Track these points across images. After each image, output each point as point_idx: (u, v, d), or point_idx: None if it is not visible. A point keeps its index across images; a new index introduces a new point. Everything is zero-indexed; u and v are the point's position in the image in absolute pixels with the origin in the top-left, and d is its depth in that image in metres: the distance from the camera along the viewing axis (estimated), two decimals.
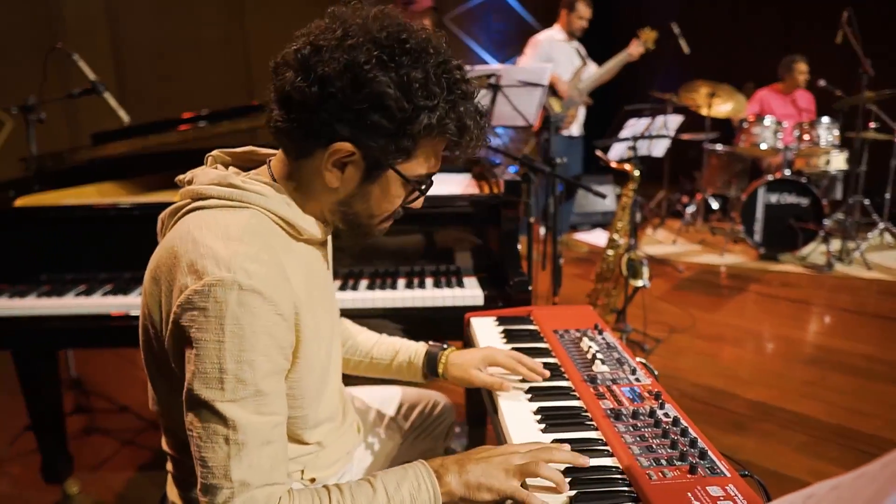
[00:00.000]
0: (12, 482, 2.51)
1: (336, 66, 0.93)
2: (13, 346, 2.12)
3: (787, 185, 5.06)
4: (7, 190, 2.31)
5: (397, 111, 0.95)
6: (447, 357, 1.41)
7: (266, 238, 1.00)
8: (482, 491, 1.00)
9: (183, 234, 0.97)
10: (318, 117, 0.96)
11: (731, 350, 3.60)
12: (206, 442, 0.91)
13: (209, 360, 0.90)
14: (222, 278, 0.90)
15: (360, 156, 1.00)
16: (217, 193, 1.01)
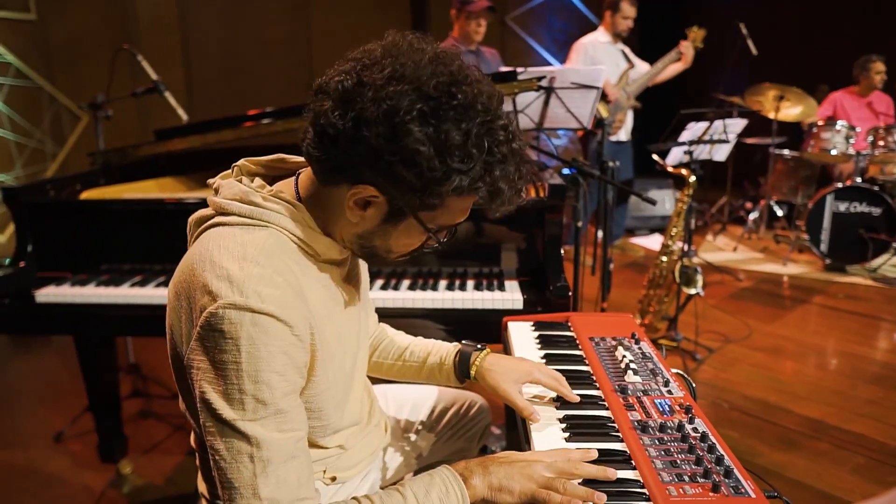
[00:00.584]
0: (72, 459, 2.64)
1: (375, 110, 0.90)
2: (73, 331, 2.24)
3: (857, 193, 4.83)
4: (74, 183, 2.44)
5: (427, 171, 0.91)
6: (482, 359, 1.34)
7: (283, 258, 1.00)
8: (504, 493, 1.02)
9: (202, 253, 0.98)
10: (347, 156, 0.94)
11: (788, 364, 3.46)
12: (231, 462, 0.92)
13: (229, 382, 0.92)
14: (235, 302, 0.91)
15: (384, 200, 0.98)
16: (237, 210, 1.02)
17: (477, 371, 1.34)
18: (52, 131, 5.01)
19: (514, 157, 0.98)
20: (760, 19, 7.51)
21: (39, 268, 2.15)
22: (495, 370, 1.31)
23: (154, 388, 3.13)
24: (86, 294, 2.02)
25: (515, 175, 0.98)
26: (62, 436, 2.78)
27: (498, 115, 0.95)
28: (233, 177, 1.12)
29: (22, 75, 4.76)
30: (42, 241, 2.15)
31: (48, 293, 2.03)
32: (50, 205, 2.20)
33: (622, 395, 1.29)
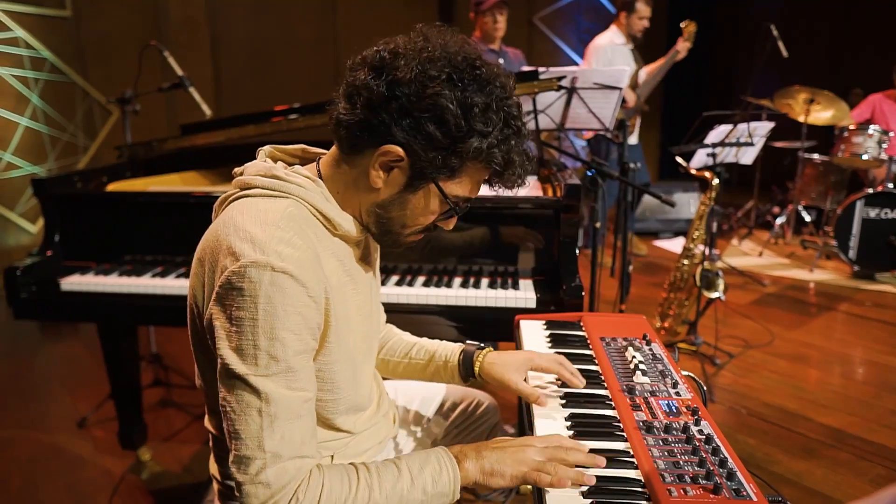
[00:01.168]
0: (94, 445, 2.71)
1: (408, 72, 0.99)
2: (95, 318, 2.30)
3: (889, 199, 4.72)
4: (101, 176, 2.50)
5: (454, 127, 0.99)
6: (484, 357, 1.39)
7: (302, 226, 1.05)
8: (496, 477, 1.06)
9: (226, 220, 1.03)
10: (379, 116, 1.01)
11: (810, 371, 3.41)
12: (240, 415, 0.97)
13: (244, 337, 0.96)
14: (256, 260, 0.96)
15: (407, 163, 1.04)
16: (261, 183, 1.08)
17: (480, 368, 1.39)
18: (85, 125, 5.13)
19: (525, 136, 1.07)
20: (794, 22, 7.40)
21: (66, 257, 2.21)
22: (497, 363, 1.36)
23: (175, 378, 3.19)
24: (108, 283, 2.07)
25: (525, 154, 1.07)
26: (86, 422, 2.85)
27: (513, 94, 1.05)
28: (258, 160, 1.18)
29: (56, 70, 4.88)
30: (69, 232, 2.20)
31: (73, 281, 2.08)
32: (77, 196, 2.26)
33: (629, 395, 1.29)
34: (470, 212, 1.20)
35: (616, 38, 4.80)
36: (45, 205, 2.19)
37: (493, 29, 4.02)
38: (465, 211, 1.15)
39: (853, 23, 7.39)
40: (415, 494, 1.03)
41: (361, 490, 1.01)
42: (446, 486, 1.05)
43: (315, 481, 0.99)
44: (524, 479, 1.05)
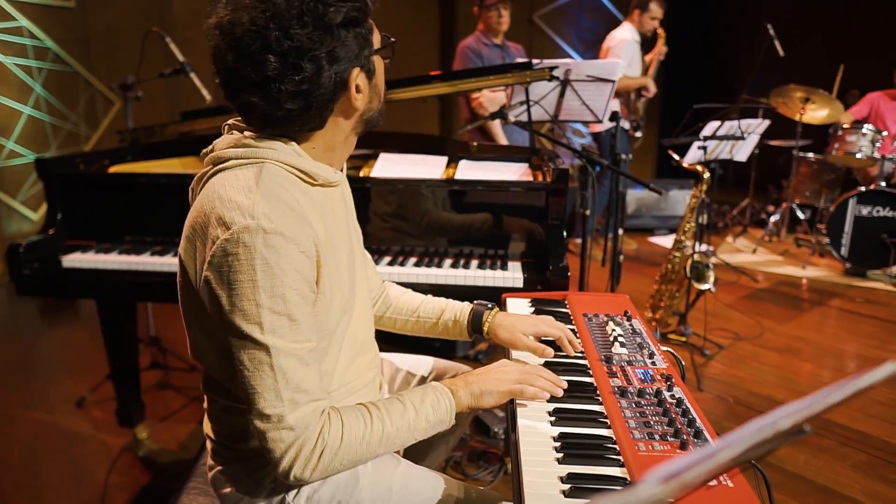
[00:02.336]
0: (92, 423, 2.77)
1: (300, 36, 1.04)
2: (96, 295, 2.35)
3: (881, 198, 4.77)
4: (103, 159, 2.55)
5: (322, 18, 1.04)
6: (493, 316, 1.47)
7: (282, 185, 1.09)
8: (485, 396, 1.21)
9: (209, 194, 1.08)
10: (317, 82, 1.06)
11: (799, 364, 3.46)
12: (253, 372, 1.03)
13: (246, 299, 1.02)
14: (248, 225, 1.01)
15: (355, 70, 1.11)
16: (234, 154, 1.12)
17: (489, 327, 1.47)
18: (87, 115, 5.18)
19: None
20: (796, 23, 7.46)
21: (68, 236, 2.26)
22: (505, 325, 1.45)
23: (172, 361, 3.24)
24: (108, 261, 2.12)
25: None
26: (84, 401, 2.91)
27: None
28: (224, 134, 1.21)
29: (60, 60, 4.94)
30: (71, 211, 2.26)
31: (74, 259, 2.14)
32: (79, 176, 2.32)
33: (607, 363, 1.34)
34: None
35: (634, 35, 4.95)
36: (47, 185, 2.24)
37: (496, 23, 4.07)
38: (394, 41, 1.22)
39: (853, 24, 7.43)
40: (420, 423, 1.16)
41: (376, 424, 1.12)
42: (444, 413, 1.18)
43: (335, 422, 1.08)
44: (510, 393, 1.21)
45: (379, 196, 2.14)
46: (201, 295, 1.08)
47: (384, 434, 1.12)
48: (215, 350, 1.15)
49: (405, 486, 1.25)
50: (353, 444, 1.09)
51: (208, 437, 1.29)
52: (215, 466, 1.27)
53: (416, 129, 3.42)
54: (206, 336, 1.15)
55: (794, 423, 0.51)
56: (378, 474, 1.25)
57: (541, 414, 1.19)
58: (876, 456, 2.56)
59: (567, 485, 0.98)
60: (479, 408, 1.23)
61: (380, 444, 1.12)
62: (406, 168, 2.30)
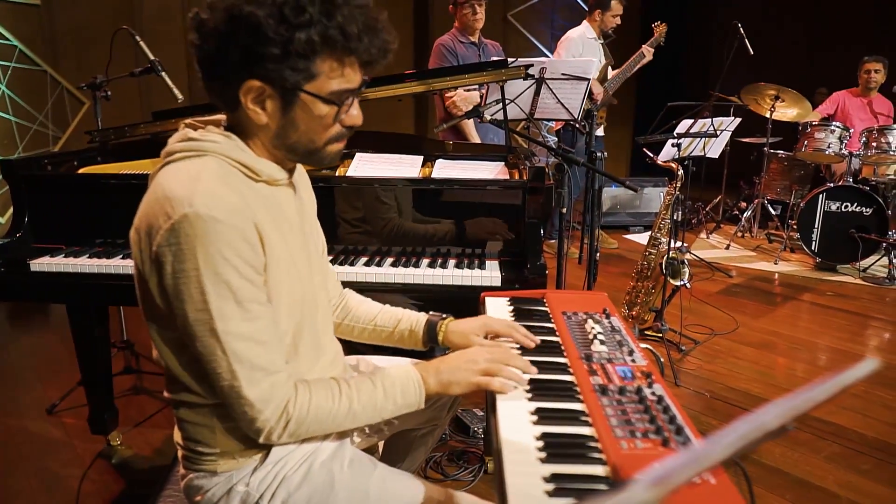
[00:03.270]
0: (64, 430, 2.71)
1: (219, 16, 1.04)
2: (66, 299, 2.30)
3: (849, 193, 4.87)
4: (72, 160, 2.50)
5: (275, 35, 1.02)
6: (446, 325, 1.49)
7: (223, 176, 1.09)
8: (452, 385, 1.23)
9: (154, 188, 1.09)
10: (222, 67, 1.08)
11: (773, 357, 3.51)
12: (209, 357, 1.06)
13: (193, 286, 1.03)
14: (186, 213, 1.01)
15: (269, 90, 1.08)
16: (179, 148, 1.13)
17: (444, 336, 1.49)
18: (55, 115, 5.07)
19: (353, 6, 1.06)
20: (767, 22, 7.57)
21: (35, 240, 2.20)
22: (457, 331, 1.48)
23: (146, 365, 3.18)
24: (79, 264, 2.07)
25: (363, 15, 1.07)
26: (55, 408, 2.84)
27: None
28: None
29: (26, 59, 4.82)
30: (38, 214, 2.20)
31: (43, 262, 2.09)
32: (47, 178, 2.26)
33: (587, 362, 1.33)
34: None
35: (588, 32, 4.95)
36: (13, 187, 2.18)
37: (472, 21, 4.06)
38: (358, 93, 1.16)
39: (822, 24, 7.57)
40: (387, 405, 1.19)
41: (343, 401, 1.15)
42: (413, 396, 1.21)
43: (302, 395, 1.11)
44: (476, 385, 1.22)
45: (355, 196, 2.12)
46: (150, 286, 1.09)
47: (350, 410, 1.16)
48: (171, 341, 1.15)
49: (383, 489, 1.25)
50: (319, 416, 1.13)
51: (178, 445, 1.27)
52: (187, 474, 1.25)
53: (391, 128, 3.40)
54: (162, 328, 1.15)
55: (781, 422, 0.51)
56: (355, 478, 1.24)
57: (523, 413, 1.18)
58: (848, 447, 2.60)
59: (551, 485, 0.97)
60: (447, 395, 1.28)
61: (345, 418, 1.16)
62: (382, 167, 2.29)
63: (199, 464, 1.22)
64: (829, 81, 6.39)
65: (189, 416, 1.21)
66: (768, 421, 0.50)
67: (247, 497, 1.20)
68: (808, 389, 0.51)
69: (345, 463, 1.26)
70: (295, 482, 1.21)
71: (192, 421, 1.21)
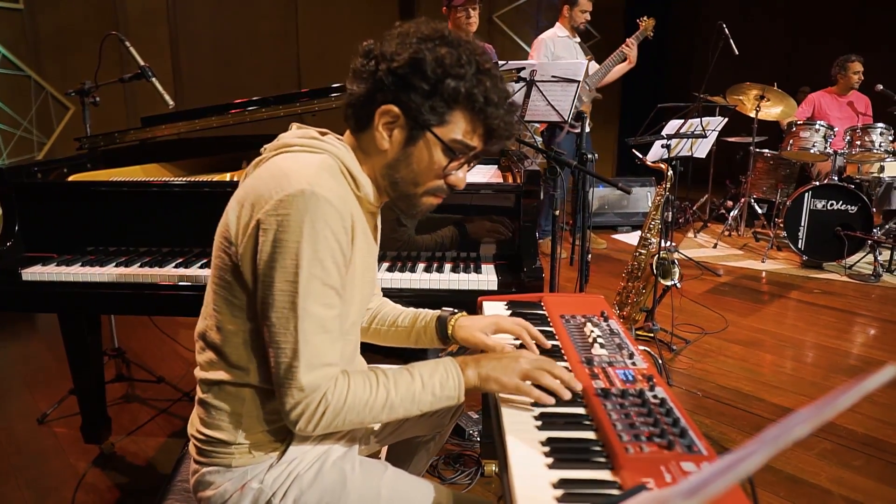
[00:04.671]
0: (56, 440, 2.68)
1: (389, 45, 1.16)
2: (58, 308, 2.27)
3: (834, 192, 4.93)
4: (61, 167, 2.47)
5: (431, 73, 1.13)
6: (456, 321, 1.51)
7: (337, 176, 1.19)
8: (490, 382, 1.22)
9: (269, 166, 1.18)
10: (372, 86, 1.17)
11: (763, 356, 3.54)
12: (279, 328, 1.10)
13: (288, 258, 1.08)
14: (303, 189, 1.08)
15: (403, 119, 1.18)
16: (300, 142, 1.22)
17: (453, 329, 1.51)
18: (40, 121, 5.02)
19: (499, 80, 1.19)
20: (749, 21, 7.64)
21: (26, 248, 2.18)
22: (465, 326, 1.50)
23: (138, 373, 3.15)
24: (71, 273, 2.05)
25: (505, 97, 1.20)
26: (46, 418, 2.81)
27: (485, 58, 1.19)
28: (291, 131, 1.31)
29: (9, 64, 4.77)
30: (29, 222, 2.18)
31: (34, 271, 2.06)
32: (37, 186, 2.24)
33: (588, 365, 1.34)
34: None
35: (559, 31, 5.00)
36: (3, 195, 2.16)
37: (466, 24, 4.07)
38: (472, 158, 1.25)
39: (803, 23, 7.65)
40: (426, 396, 1.19)
41: (381, 391, 1.16)
42: (452, 389, 1.21)
43: (341, 384, 1.13)
44: (516, 389, 1.20)
45: None
46: (240, 248, 1.14)
47: (388, 401, 1.16)
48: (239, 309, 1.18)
49: (394, 490, 1.25)
50: (356, 407, 1.14)
51: (193, 437, 1.27)
52: (199, 469, 1.25)
53: None
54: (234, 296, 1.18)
55: (810, 430, 0.51)
56: (366, 479, 1.25)
57: (527, 418, 1.19)
58: (839, 443, 2.63)
59: (559, 490, 0.98)
60: (483, 390, 1.24)
61: (382, 409, 1.16)
62: None
63: (214, 456, 1.23)
64: (811, 80, 6.47)
65: (218, 400, 1.22)
66: (798, 431, 0.50)
67: (259, 494, 1.21)
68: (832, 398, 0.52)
69: (356, 463, 1.27)
70: (307, 481, 1.22)
71: (219, 406, 1.22)
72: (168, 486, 1.39)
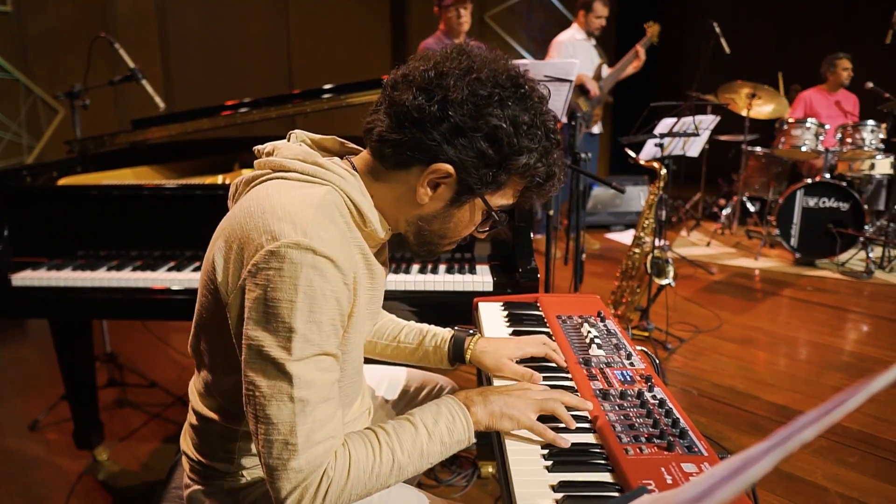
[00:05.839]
0: (48, 447, 2.65)
1: (460, 93, 1.00)
2: (49, 314, 2.25)
3: (826, 189, 4.95)
4: (51, 171, 2.45)
5: (507, 146, 1.02)
6: (475, 343, 1.40)
7: (340, 214, 1.06)
8: (504, 419, 1.10)
9: (260, 199, 1.02)
10: (430, 136, 1.02)
11: (757, 353, 3.55)
12: (271, 399, 0.95)
13: (281, 320, 0.94)
14: (298, 241, 0.94)
15: (454, 179, 1.05)
16: (300, 168, 1.07)
17: (472, 355, 1.40)
18: (29, 124, 4.97)
19: (559, 148, 1.11)
20: (738, 20, 7.67)
21: (16, 253, 2.15)
22: (489, 351, 1.38)
23: (130, 378, 3.13)
24: (62, 277, 2.03)
25: (563, 164, 1.12)
26: (37, 424, 2.78)
27: (547, 106, 1.09)
28: (290, 143, 1.17)
29: None
30: (19, 227, 2.15)
31: (24, 277, 2.04)
32: (26, 190, 2.21)
33: (586, 366, 1.34)
34: None
35: (577, 34, 5.08)
36: None
37: (457, 23, 4.07)
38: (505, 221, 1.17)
39: (792, 22, 7.68)
40: (434, 447, 1.07)
41: (385, 454, 1.03)
42: (461, 433, 1.09)
43: (341, 457, 1.00)
44: (531, 427, 1.10)
45: None
46: (229, 302, 1.02)
47: (395, 463, 1.03)
48: (229, 359, 1.06)
49: (386, 500, 1.22)
50: (361, 478, 1.00)
51: (186, 455, 1.24)
52: (192, 485, 1.23)
53: None
54: (222, 344, 1.06)
55: (818, 433, 0.51)
56: None
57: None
58: (834, 441, 2.64)
59: (559, 493, 0.97)
60: (495, 430, 1.11)
61: (390, 474, 1.03)
62: None
63: (207, 478, 1.20)
64: (801, 77, 6.50)
65: (210, 434, 1.18)
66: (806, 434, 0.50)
67: None
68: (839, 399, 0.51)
69: None
70: None
71: (211, 441, 1.18)
72: (162, 492, 1.37)
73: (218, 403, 1.16)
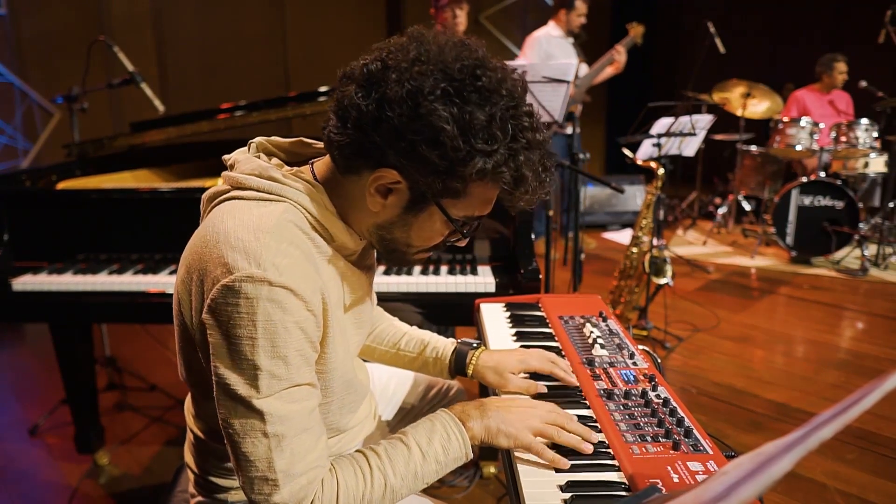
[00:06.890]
0: (48, 452, 2.64)
1: (399, 90, 0.89)
2: (50, 318, 2.25)
3: (821, 188, 4.97)
4: (50, 174, 2.45)
5: (451, 150, 0.90)
6: (478, 357, 1.36)
7: (298, 233, 0.98)
8: (500, 436, 1.06)
9: (215, 224, 0.96)
10: (370, 138, 0.93)
11: (755, 351, 3.56)
12: (244, 437, 0.91)
13: (243, 357, 0.90)
14: (252, 274, 0.88)
15: (405, 186, 0.96)
16: (255, 185, 1.00)
17: (474, 369, 1.35)
18: (25, 127, 4.96)
19: (539, 146, 0.96)
20: (731, 19, 7.70)
21: (16, 258, 2.15)
22: (491, 365, 1.33)
23: (131, 381, 3.12)
24: (63, 282, 2.03)
25: (539, 165, 0.97)
26: (38, 429, 2.77)
27: (523, 102, 0.95)
28: (249, 153, 1.10)
29: None
30: (18, 231, 2.15)
31: (25, 281, 2.04)
32: (26, 194, 2.21)
33: (589, 367, 1.34)
34: None
35: (553, 31, 4.98)
36: None
37: (452, 24, 4.07)
38: (476, 229, 1.07)
39: (786, 21, 7.71)
40: (429, 467, 1.02)
41: (377, 479, 0.98)
42: (457, 451, 1.04)
43: (329, 485, 0.95)
44: (529, 447, 1.05)
45: None
46: (196, 338, 0.97)
47: (387, 488, 0.98)
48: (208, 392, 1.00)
49: None
50: None
51: (189, 468, 1.24)
52: (196, 495, 1.23)
53: None
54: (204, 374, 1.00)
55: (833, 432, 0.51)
56: None
57: None
58: (833, 438, 2.62)
59: (567, 493, 0.98)
60: (490, 445, 1.06)
61: (383, 499, 0.99)
62: None
63: (210, 491, 1.20)
64: (794, 76, 6.53)
65: (208, 454, 1.18)
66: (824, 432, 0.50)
67: None
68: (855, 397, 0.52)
69: None
70: None
71: (210, 460, 1.18)
72: (168, 496, 1.38)
73: (208, 426, 1.15)
